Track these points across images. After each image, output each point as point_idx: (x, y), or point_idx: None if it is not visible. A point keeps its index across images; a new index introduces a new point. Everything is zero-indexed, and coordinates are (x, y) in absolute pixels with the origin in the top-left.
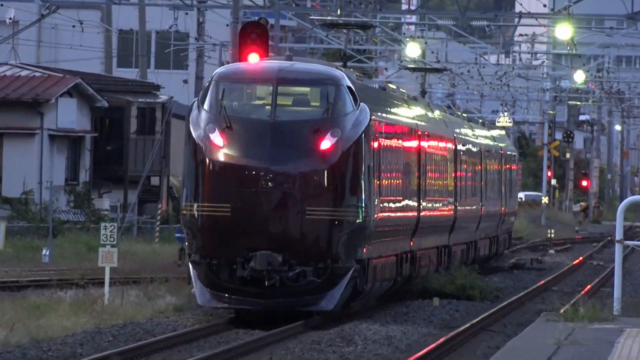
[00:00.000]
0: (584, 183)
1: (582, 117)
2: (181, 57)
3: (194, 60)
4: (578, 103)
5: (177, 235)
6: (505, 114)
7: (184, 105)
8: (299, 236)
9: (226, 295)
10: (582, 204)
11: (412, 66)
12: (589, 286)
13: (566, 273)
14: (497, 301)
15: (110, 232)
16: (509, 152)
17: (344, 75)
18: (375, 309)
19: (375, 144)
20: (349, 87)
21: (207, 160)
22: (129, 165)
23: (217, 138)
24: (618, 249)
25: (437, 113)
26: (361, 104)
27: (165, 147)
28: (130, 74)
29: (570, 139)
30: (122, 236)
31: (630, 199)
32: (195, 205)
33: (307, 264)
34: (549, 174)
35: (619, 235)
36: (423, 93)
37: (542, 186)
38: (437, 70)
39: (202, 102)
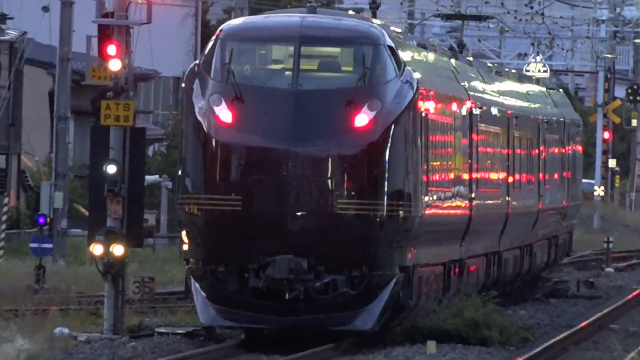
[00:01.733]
0: None
1: None
2: None
3: None
4: None
5: (32, 245)
6: (538, 58)
7: (43, 46)
8: (328, 236)
9: (236, 311)
10: None
11: (445, 12)
12: None
13: (632, 303)
14: (526, 346)
15: None
16: (571, 121)
17: (384, 32)
18: (339, 358)
19: (423, 120)
20: (391, 47)
21: (212, 141)
22: None
23: (224, 112)
24: None
25: (483, 74)
26: (406, 68)
27: (15, 110)
28: None
29: (637, 98)
30: None
31: None
32: (196, 198)
33: (338, 272)
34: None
35: None
36: (461, 46)
37: (595, 170)
38: (477, 18)
39: (205, 67)
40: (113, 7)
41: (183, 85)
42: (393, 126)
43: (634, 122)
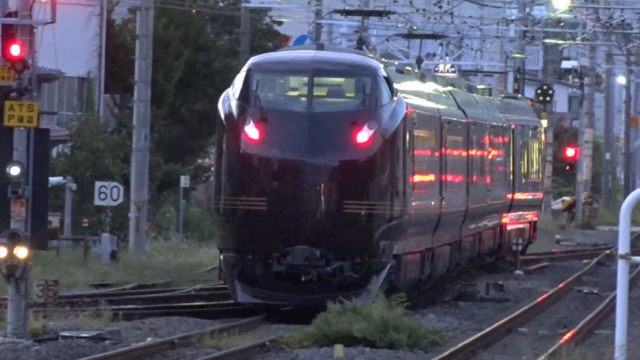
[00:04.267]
0: (570, 152)
1: (566, 65)
2: None
3: None
4: (560, 42)
5: None
6: (447, 59)
7: None
8: (336, 230)
9: (262, 290)
10: (567, 198)
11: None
12: (576, 327)
13: (541, 306)
14: (435, 350)
15: None
16: (533, 125)
17: (380, 65)
18: None
19: (410, 136)
20: (386, 78)
21: (242, 153)
22: None
23: (252, 130)
24: (622, 268)
25: (448, 91)
26: (398, 94)
27: None
28: None
29: (547, 98)
30: None
31: None
32: (229, 199)
33: (344, 259)
34: None
35: (623, 247)
36: (419, 62)
37: None
38: (433, 37)
39: (236, 93)
40: (16, 6)
41: (218, 108)
42: (388, 141)
43: (544, 123)
